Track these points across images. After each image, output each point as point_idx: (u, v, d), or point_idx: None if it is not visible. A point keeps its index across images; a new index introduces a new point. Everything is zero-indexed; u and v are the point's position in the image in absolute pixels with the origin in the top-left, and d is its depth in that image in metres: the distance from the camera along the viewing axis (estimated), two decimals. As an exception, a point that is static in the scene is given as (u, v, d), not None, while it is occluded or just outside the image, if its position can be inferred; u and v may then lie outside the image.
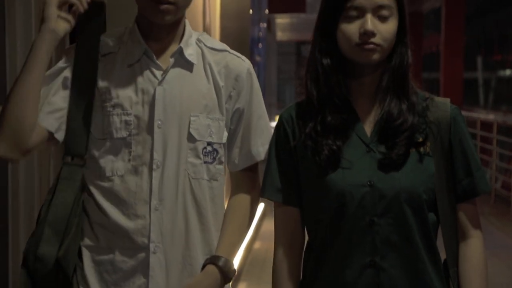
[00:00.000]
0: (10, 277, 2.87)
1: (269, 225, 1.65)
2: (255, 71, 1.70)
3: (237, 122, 1.62)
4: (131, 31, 1.60)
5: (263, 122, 1.65)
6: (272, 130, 1.62)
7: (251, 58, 7.10)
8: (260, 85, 1.70)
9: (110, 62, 1.58)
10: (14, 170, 2.88)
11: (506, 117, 8.88)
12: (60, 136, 1.54)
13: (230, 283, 1.62)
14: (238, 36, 5.07)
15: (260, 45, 9.44)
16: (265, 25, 13.74)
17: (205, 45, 1.62)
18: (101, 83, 1.56)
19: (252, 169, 1.65)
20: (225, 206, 1.66)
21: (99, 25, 1.59)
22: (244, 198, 1.64)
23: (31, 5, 2.86)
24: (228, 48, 1.65)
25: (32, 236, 1.53)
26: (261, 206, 7.12)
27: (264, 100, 1.72)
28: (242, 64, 1.62)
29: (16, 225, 2.90)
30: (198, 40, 1.62)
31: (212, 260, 1.56)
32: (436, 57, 13.33)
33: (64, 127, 1.54)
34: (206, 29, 4.25)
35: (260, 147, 1.63)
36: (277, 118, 1.62)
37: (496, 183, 8.79)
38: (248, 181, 1.65)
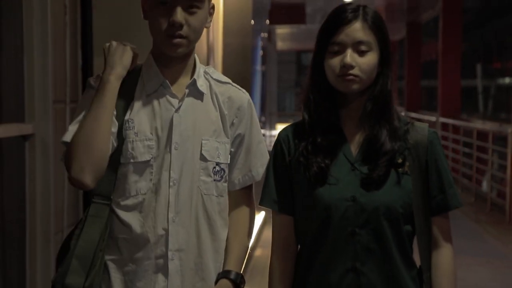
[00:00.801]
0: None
1: (269, 233, 1.84)
2: (256, 79, 1.91)
3: (238, 146, 1.80)
4: (148, 64, 1.78)
5: (262, 146, 1.84)
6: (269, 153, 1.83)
7: (252, 67, 7.25)
8: (261, 92, 1.90)
9: (130, 92, 1.76)
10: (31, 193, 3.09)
11: (501, 128, 9.03)
12: None
13: None
14: (240, 52, 5.28)
15: (261, 52, 9.63)
16: (266, 35, 13.89)
17: (212, 77, 1.81)
18: (126, 113, 1.74)
19: (249, 187, 1.85)
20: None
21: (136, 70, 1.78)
22: (244, 214, 1.84)
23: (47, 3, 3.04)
24: (230, 81, 1.85)
25: (60, 267, 1.69)
26: (262, 215, 7.30)
27: (265, 109, 1.92)
28: (243, 96, 1.82)
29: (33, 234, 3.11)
30: (205, 73, 1.82)
31: (225, 274, 1.76)
32: (436, 64, 13.48)
33: None
34: (210, 46, 4.45)
35: (260, 168, 1.82)
36: (277, 126, 1.82)
37: (492, 192, 8.96)
38: (246, 197, 1.84)
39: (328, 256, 1.66)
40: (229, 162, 1.79)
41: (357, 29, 1.64)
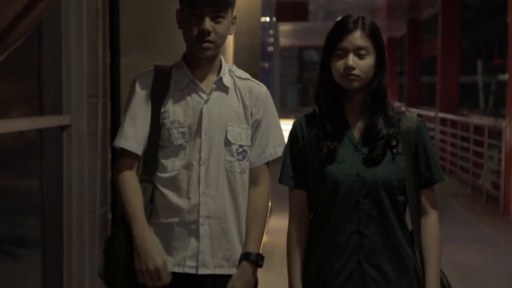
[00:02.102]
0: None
1: (276, 222, 2.20)
2: (263, 76, 2.28)
3: (255, 130, 2.17)
4: (180, 64, 2.16)
5: (276, 130, 2.19)
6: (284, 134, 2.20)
7: (259, 73, 7.49)
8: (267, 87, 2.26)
9: (165, 88, 2.14)
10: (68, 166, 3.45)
11: (497, 122, 9.38)
12: (141, 154, 2.11)
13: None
14: (249, 50, 5.64)
15: (271, 48, 9.94)
16: (273, 32, 14.16)
17: (235, 75, 2.19)
18: (162, 106, 2.13)
19: (265, 166, 2.19)
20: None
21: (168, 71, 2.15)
22: (261, 192, 2.17)
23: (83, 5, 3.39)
24: (250, 77, 2.22)
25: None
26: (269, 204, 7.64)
27: None
28: (261, 89, 2.20)
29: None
30: (230, 70, 2.19)
31: (246, 256, 2.12)
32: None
33: (144, 148, 2.11)
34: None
35: (272, 149, 2.17)
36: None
37: (488, 184, 9.31)
38: (262, 175, 2.18)
39: (336, 222, 2.03)
40: (250, 144, 2.15)
41: (357, 37, 2.01)
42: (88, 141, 3.51)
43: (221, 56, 2.19)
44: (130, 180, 2.10)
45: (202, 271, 2.10)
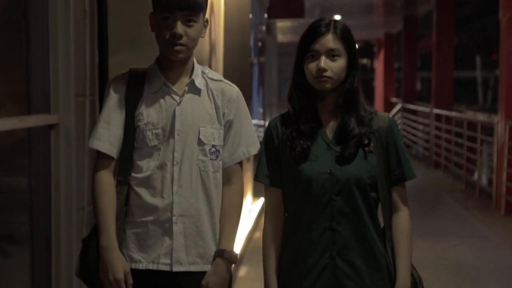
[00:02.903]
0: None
1: None
2: (255, 71, 2.33)
3: (227, 130, 2.21)
4: (153, 68, 2.21)
5: (248, 131, 2.23)
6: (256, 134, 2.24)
7: (250, 73, 7.53)
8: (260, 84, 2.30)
9: (139, 91, 2.18)
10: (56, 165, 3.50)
11: (490, 118, 9.44)
12: (117, 156, 2.17)
13: (233, 266, 2.21)
14: (239, 48, 5.69)
15: (260, 43, 9.97)
16: (264, 28, 14.19)
17: (208, 76, 2.24)
18: (136, 108, 2.18)
19: (238, 165, 2.24)
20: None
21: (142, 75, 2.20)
22: (234, 191, 2.22)
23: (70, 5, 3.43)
24: (222, 79, 2.27)
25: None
26: (261, 202, 7.72)
27: (265, 100, 2.32)
28: (233, 90, 2.24)
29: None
30: (202, 72, 2.24)
31: (219, 253, 2.17)
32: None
33: (119, 149, 2.16)
34: (212, 44, 4.87)
35: (245, 148, 2.22)
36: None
37: (480, 179, 9.37)
38: (235, 174, 2.22)
39: (310, 219, 2.08)
40: (222, 144, 2.20)
41: (329, 40, 2.06)
42: (76, 140, 3.56)
43: (194, 59, 2.24)
44: (105, 182, 2.15)
45: (176, 268, 2.15)
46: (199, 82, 2.20)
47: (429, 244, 6.32)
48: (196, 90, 2.20)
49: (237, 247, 5.69)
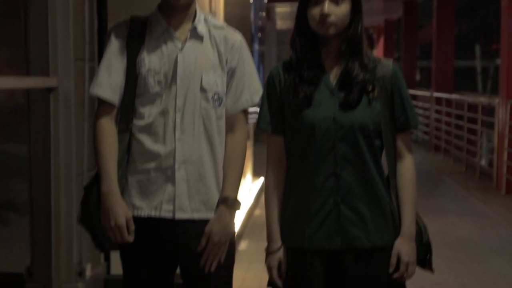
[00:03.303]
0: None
1: None
2: (256, 59, 2.29)
3: (230, 78, 2.18)
4: (155, 14, 2.17)
5: (252, 78, 2.21)
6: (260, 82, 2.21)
7: (251, 46, 7.52)
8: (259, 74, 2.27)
9: (141, 37, 2.15)
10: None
11: (490, 99, 9.41)
12: (118, 103, 2.13)
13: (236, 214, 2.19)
14: (240, 21, 5.63)
15: (259, 34, 9.91)
16: (264, 14, 14.10)
17: (210, 23, 2.20)
18: (138, 55, 2.14)
19: (242, 113, 2.21)
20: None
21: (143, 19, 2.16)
22: (237, 139, 2.19)
23: None
24: (225, 26, 2.24)
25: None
26: (261, 180, 7.71)
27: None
28: (236, 37, 2.21)
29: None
30: (205, 19, 2.21)
31: (223, 201, 2.14)
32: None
33: (120, 96, 2.13)
34: (212, 15, 4.82)
35: (248, 96, 2.19)
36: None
37: (481, 160, 9.35)
38: (239, 122, 2.20)
39: (313, 165, 2.05)
40: (225, 91, 2.17)
41: None
42: (75, 105, 3.54)
43: (197, 5, 2.21)
44: (107, 129, 2.12)
45: (179, 215, 2.12)
46: (201, 28, 2.17)
47: (429, 221, 6.20)
48: (198, 37, 2.17)
49: (237, 223, 5.69)
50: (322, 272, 2.06)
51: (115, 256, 3.92)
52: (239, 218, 5.68)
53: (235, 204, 2.16)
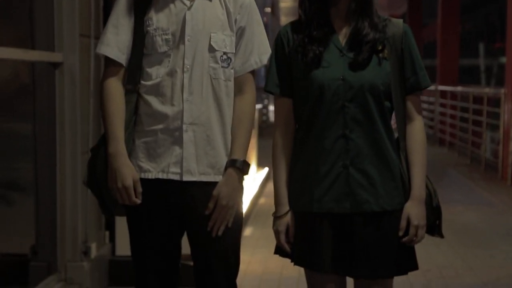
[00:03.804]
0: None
1: (272, 186, 2.15)
2: None
3: (239, 38, 2.15)
4: None
5: (261, 38, 2.18)
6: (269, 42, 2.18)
7: None
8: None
9: None
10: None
11: (496, 90, 9.37)
12: (125, 63, 2.10)
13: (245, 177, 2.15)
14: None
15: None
16: (269, 9, 14.04)
17: None
18: (146, 13, 2.12)
19: (251, 74, 2.17)
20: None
21: None
22: (246, 100, 2.15)
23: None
24: None
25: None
26: (265, 170, 7.69)
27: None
28: None
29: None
30: None
31: (231, 163, 2.11)
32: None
33: (127, 56, 2.10)
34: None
35: (257, 57, 2.15)
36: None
37: (486, 152, 9.31)
38: (248, 83, 2.16)
39: (322, 126, 2.02)
40: (234, 51, 2.14)
41: None
42: (80, 82, 3.52)
43: None
44: (114, 89, 2.09)
45: (187, 177, 2.09)
46: None
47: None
48: None
49: (243, 208, 5.67)
50: (331, 235, 2.03)
51: (120, 237, 3.91)
52: (244, 205, 5.67)
53: (244, 167, 2.12)
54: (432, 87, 13.22)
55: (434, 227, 2.14)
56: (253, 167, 7.35)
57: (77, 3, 3.46)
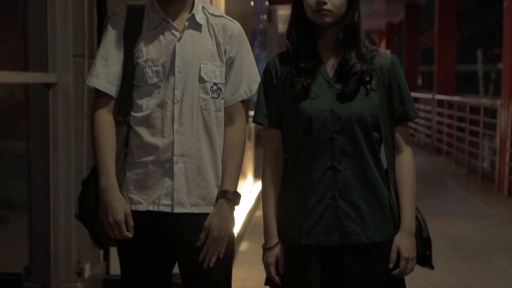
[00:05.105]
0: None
1: None
2: (257, 63, 2.25)
3: (229, 68, 2.15)
4: (152, 3, 2.14)
5: (250, 68, 2.18)
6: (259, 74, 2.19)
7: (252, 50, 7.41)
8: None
9: (138, 27, 2.12)
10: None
11: (492, 101, 9.38)
12: (116, 94, 2.11)
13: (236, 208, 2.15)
14: (240, 20, 5.58)
15: (260, 38, 9.88)
16: (265, 17, 14.06)
17: (208, 12, 2.17)
18: (135, 45, 2.12)
19: (241, 104, 2.17)
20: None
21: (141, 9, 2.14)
22: (236, 131, 2.15)
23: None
24: (224, 14, 2.21)
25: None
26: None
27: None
28: (235, 26, 2.18)
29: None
30: (203, 8, 2.17)
31: (222, 194, 2.11)
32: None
33: (117, 88, 2.10)
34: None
35: (249, 86, 2.16)
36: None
37: (483, 162, 9.32)
38: (238, 113, 2.17)
39: (310, 158, 2.03)
40: (224, 82, 2.15)
41: None
42: (74, 101, 3.52)
43: None
44: (105, 121, 2.09)
45: (178, 209, 2.09)
46: (199, 17, 2.14)
47: (430, 221, 6.19)
48: (196, 26, 2.14)
49: (238, 224, 5.65)
50: (320, 268, 2.03)
51: (114, 256, 3.90)
52: (239, 219, 5.66)
53: (235, 198, 2.12)
54: (429, 96, 13.26)
55: (424, 258, 2.14)
56: (249, 178, 7.34)
57: (70, 23, 3.46)
